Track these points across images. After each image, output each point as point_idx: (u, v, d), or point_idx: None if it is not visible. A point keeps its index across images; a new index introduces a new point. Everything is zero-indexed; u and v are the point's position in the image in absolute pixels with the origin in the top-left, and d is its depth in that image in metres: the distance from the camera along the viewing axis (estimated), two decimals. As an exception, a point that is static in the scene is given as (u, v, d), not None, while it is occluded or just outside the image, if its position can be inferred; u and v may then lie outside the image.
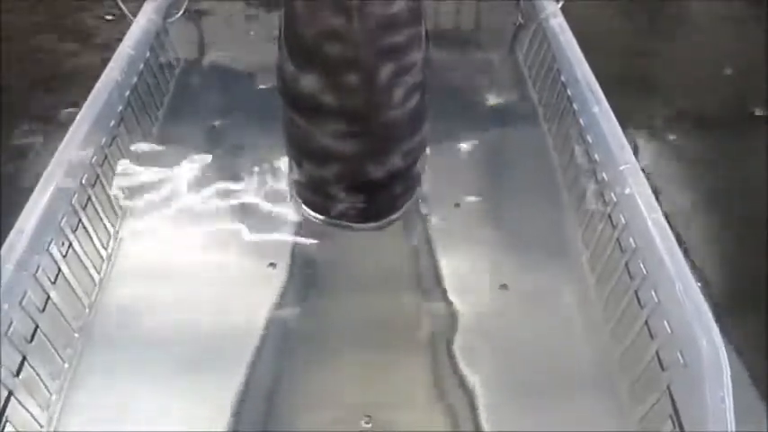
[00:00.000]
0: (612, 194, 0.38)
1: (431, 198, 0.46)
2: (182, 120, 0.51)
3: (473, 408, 0.35)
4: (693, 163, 0.53)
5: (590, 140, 0.42)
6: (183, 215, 0.45)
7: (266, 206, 0.45)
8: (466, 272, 0.42)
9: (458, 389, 0.35)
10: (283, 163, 0.47)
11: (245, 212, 0.45)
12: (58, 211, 0.36)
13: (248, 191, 0.46)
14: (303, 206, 0.44)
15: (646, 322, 0.33)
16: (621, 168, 0.38)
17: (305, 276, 0.42)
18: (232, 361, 0.36)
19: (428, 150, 0.44)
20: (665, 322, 0.32)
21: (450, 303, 0.40)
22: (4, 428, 0.30)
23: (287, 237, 0.44)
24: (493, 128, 0.52)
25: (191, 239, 0.44)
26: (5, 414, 0.30)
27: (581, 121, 0.43)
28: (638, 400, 0.33)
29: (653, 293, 0.33)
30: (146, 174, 0.46)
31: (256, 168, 0.48)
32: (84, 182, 0.39)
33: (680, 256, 0.33)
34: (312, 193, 0.43)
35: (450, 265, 0.42)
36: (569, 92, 0.45)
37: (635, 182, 0.37)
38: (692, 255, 0.46)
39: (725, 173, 0.52)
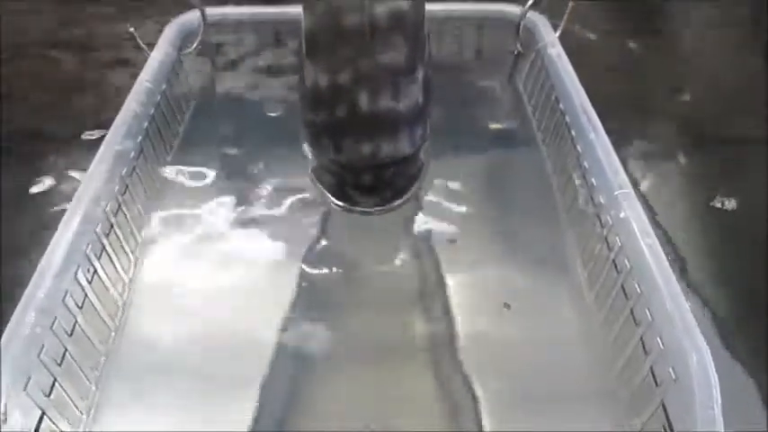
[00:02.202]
0: (608, 217, 0.40)
1: (433, 224, 0.48)
2: (197, 147, 0.53)
3: (477, 416, 0.36)
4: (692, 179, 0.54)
5: (587, 166, 0.43)
6: (199, 240, 0.47)
7: (280, 229, 0.47)
8: (468, 291, 0.44)
9: (463, 399, 0.37)
10: (295, 185, 0.49)
11: (259, 236, 0.47)
12: (83, 239, 0.38)
13: (262, 214, 0.48)
14: (322, 189, 0.46)
15: (641, 339, 0.35)
16: (616, 193, 0.39)
17: (313, 293, 0.44)
18: (249, 377, 0.38)
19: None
20: (658, 339, 0.33)
21: (453, 319, 0.42)
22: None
23: (300, 261, 0.45)
24: (494, 150, 0.54)
25: (207, 263, 0.46)
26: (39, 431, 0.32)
27: (578, 147, 0.45)
28: (636, 412, 0.35)
29: (647, 311, 0.35)
30: (163, 201, 0.48)
31: (269, 192, 0.50)
32: (107, 210, 0.41)
33: (672, 277, 0.35)
34: (329, 178, 0.45)
35: (452, 284, 0.44)
36: (567, 119, 0.47)
37: (629, 206, 0.39)
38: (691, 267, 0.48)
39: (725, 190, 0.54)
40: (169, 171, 0.50)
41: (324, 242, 0.47)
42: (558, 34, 0.55)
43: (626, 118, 0.58)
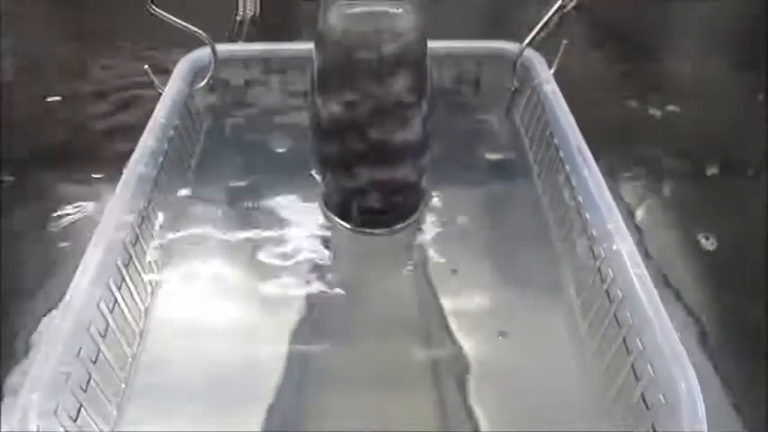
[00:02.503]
0: (601, 250, 0.42)
1: (433, 251, 0.51)
2: (207, 180, 0.55)
3: None
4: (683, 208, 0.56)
5: (580, 200, 0.46)
6: (209, 268, 0.49)
7: (287, 256, 0.50)
8: (467, 320, 0.46)
9: (463, 423, 0.39)
10: (303, 217, 0.52)
11: (267, 263, 0.49)
12: (106, 270, 0.40)
13: (272, 245, 0.50)
14: (330, 214, 0.50)
15: (632, 366, 0.37)
16: (609, 227, 0.42)
17: (316, 319, 0.46)
18: (256, 399, 0.40)
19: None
20: (649, 366, 0.36)
21: (454, 344, 0.44)
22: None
23: (305, 287, 0.47)
24: (492, 182, 0.57)
25: (217, 290, 0.48)
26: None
27: (572, 181, 0.47)
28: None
29: (638, 341, 0.37)
30: (177, 231, 0.50)
31: (279, 223, 0.52)
32: (126, 242, 0.43)
33: (661, 308, 0.37)
34: (336, 202, 0.49)
35: (452, 314, 0.46)
36: (561, 154, 0.50)
37: (620, 239, 0.41)
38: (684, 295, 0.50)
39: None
40: (182, 203, 0.53)
41: (327, 269, 0.49)
42: (552, 71, 0.57)
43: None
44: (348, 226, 0.50)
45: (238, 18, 0.72)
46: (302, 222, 0.51)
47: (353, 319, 0.46)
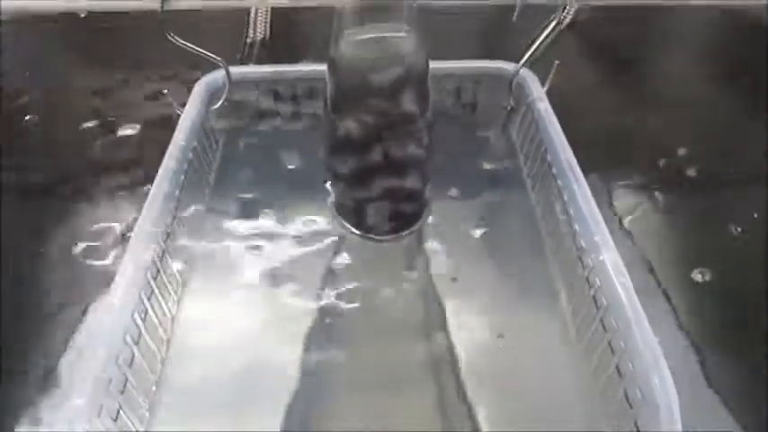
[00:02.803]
0: (589, 260, 0.46)
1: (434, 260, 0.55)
2: (226, 196, 0.59)
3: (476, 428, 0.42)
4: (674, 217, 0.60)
5: (571, 213, 0.50)
6: (229, 278, 0.53)
7: (302, 265, 0.54)
8: (466, 322, 0.50)
9: (463, 419, 0.43)
10: (315, 226, 0.56)
11: (283, 271, 0.53)
12: (137, 283, 0.44)
13: (286, 252, 0.54)
14: (342, 222, 0.54)
15: (616, 366, 0.41)
16: (596, 239, 0.46)
17: (328, 323, 0.50)
18: (273, 397, 0.45)
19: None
20: (630, 364, 0.40)
21: (453, 346, 0.48)
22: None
23: (322, 293, 0.51)
24: (488, 194, 0.60)
25: (237, 298, 0.52)
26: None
27: (564, 196, 0.51)
28: (615, 429, 0.41)
29: (621, 343, 0.41)
30: (200, 243, 0.54)
31: (293, 232, 0.56)
32: (155, 258, 0.47)
33: (641, 313, 0.41)
34: (348, 211, 0.53)
35: (451, 315, 0.50)
36: (554, 170, 0.53)
37: (606, 250, 0.45)
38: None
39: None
40: (202, 217, 0.57)
41: (338, 273, 0.53)
42: (545, 89, 0.61)
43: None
44: (358, 232, 0.54)
45: (249, 41, 0.76)
46: (315, 231, 0.56)
47: (362, 320, 0.50)
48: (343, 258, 0.54)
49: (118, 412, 0.39)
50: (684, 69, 0.80)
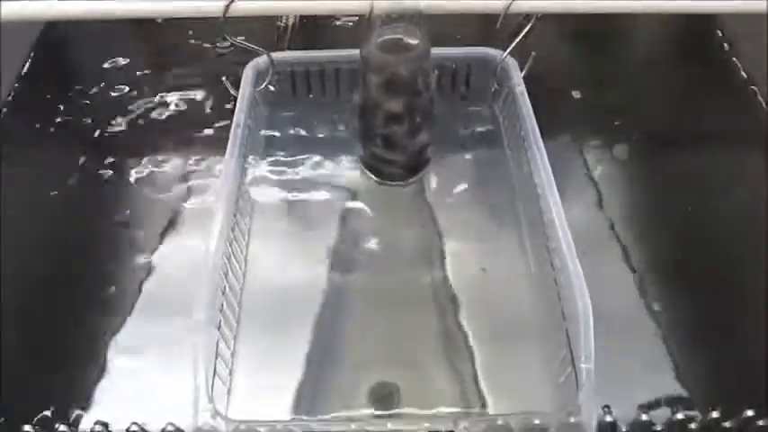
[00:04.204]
0: (545, 217, 0.63)
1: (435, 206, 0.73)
2: (276, 160, 0.76)
3: (472, 362, 0.57)
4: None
5: (534, 178, 0.67)
6: (283, 224, 0.71)
7: (336, 217, 0.71)
8: (457, 258, 0.67)
9: (456, 330, 0.60)
10: (347, 178, 0.75)
11: (319, 213, 0.72)
12: (224, 233, 0.61)
13: (323, 199, 0.73)
14: (367, 171, 0.73)
15: (557, 293, 0.60)
16: (549, 200, 0.60)
17: (348, 255, 0.68)
18: (304, 315, 0.63)
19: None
20: (565, 290, 0.57)
21: (447, 274, 0.65)
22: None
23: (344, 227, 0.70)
24: (476, 151, 0.78)
25: (288, 240, 0.70)
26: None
27: (531, 164, 0.67)
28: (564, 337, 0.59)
29: (562, 278, 0.59)
30: (259, 198, 0.72)
31: (329, 183, 0.75)
32: (233, 216, 0.64)
33: (575, 256, 0.57)
34: (373, 162, 0.72)
35: (448, 251, 0.68)
36: (524, 142, 0.69)
37: (557, 211, 0.60)
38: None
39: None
40: (258, 180, 0.75)
41: (359, 212, 0.72)
42: (523, 74, 0.77)
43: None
44: (377, 179, 0.74)
45: (281, 24, 0.91)
46: (346, 182, 0.75)
47: (379, 248, 0.69)
48: (364, 198, 0.73)
49: (220, 323, 0.58)
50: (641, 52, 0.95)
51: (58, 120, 0.84)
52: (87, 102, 0.87)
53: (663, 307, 0.63)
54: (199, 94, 0.87)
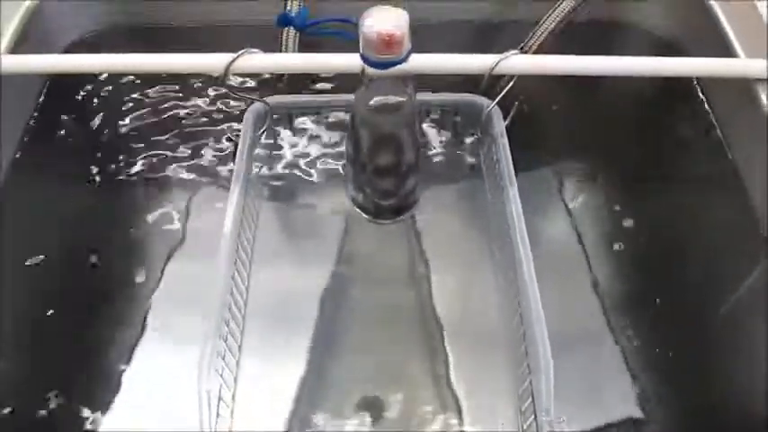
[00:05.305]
0: (513, 251, 0.68)
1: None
2: (273, 193, 0.84)
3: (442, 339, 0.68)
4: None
5: (506, 217, 0.71)
6: (288, 236, 0.81)
7: (331, 234, 0.79)
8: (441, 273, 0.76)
9: (435, 331, 0.69)
10: (335, 220, 0.81)
11: (317, 241, 0.79)
12: (233, 245, 0.68)
13: (316, 236, 0.80)
14: (357, 209, 0.78)
15: (519, 313, 0.67)
16: (517, 238, 0.66)
17: (345, 274, 0.75)
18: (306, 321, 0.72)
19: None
20: (522, 314, 0.64)
21: (431, 286, 0.74)
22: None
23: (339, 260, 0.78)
24: (459, 186, 0.85)
25: (288, 249, 0.79)
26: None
27: (504, 202, 0.72)
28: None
29: (522, 301, 0.65)
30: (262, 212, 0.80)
31: (320, 222, 0.81)
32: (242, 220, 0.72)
33: (534, 283, 0.62)
34: (362, 203, 0.77)
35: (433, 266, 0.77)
36: (501, 182, 0.75)
37: (523, 247, 0.66)
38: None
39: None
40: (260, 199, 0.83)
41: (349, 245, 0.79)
42: (506, 123, 0.84)
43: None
44: (367, 216, 0.80)
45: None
46: (338, 221, 0.82)
47: (369, 271, 0.78)
48: (354, 233, 0.81)
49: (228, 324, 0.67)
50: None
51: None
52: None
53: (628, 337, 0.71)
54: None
